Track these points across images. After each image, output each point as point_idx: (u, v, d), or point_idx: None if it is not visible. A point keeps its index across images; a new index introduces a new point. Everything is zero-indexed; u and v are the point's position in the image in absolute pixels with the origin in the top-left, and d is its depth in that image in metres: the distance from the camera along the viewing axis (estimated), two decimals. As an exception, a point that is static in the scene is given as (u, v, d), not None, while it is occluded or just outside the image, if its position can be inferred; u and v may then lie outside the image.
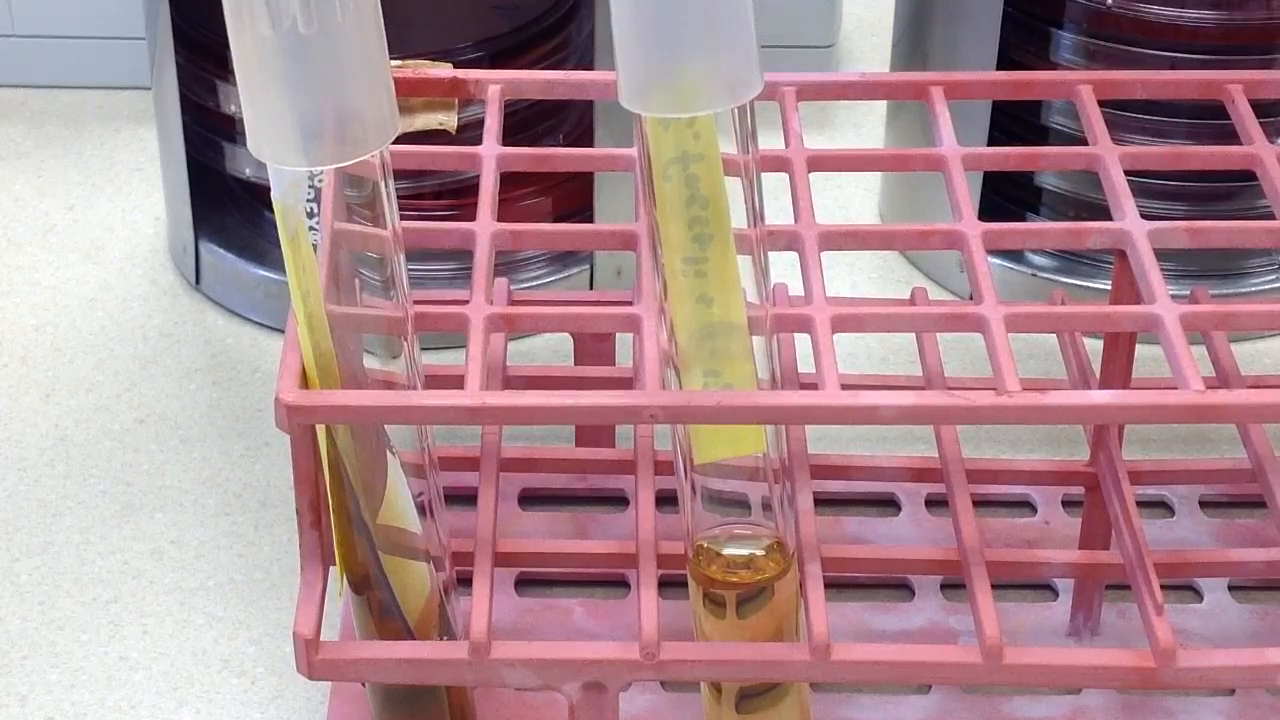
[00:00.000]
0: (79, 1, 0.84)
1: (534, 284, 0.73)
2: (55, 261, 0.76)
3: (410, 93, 0.54)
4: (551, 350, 0.72)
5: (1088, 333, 0.61)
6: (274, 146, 0.43)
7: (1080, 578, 0.58)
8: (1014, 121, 0.72)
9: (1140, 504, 0.55)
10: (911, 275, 0.76)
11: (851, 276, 0.76)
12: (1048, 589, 0.61)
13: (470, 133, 0.56)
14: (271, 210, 0.45)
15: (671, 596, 0.53)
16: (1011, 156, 0.58)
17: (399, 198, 0.46)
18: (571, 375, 0.64)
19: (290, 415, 0.46)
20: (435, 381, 0.51)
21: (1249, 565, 0.56)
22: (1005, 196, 0.75)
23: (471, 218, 0.52)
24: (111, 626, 0.60)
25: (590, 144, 0.72)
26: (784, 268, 0.57)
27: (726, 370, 0.46)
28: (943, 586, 0.61)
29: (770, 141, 0.51)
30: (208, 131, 0.73)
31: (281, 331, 0.64)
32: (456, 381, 0.48)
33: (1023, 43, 0.72)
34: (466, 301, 0.50)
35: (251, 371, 0.71)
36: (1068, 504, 0.64)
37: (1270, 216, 0.53)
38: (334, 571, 0.49)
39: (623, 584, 0.61)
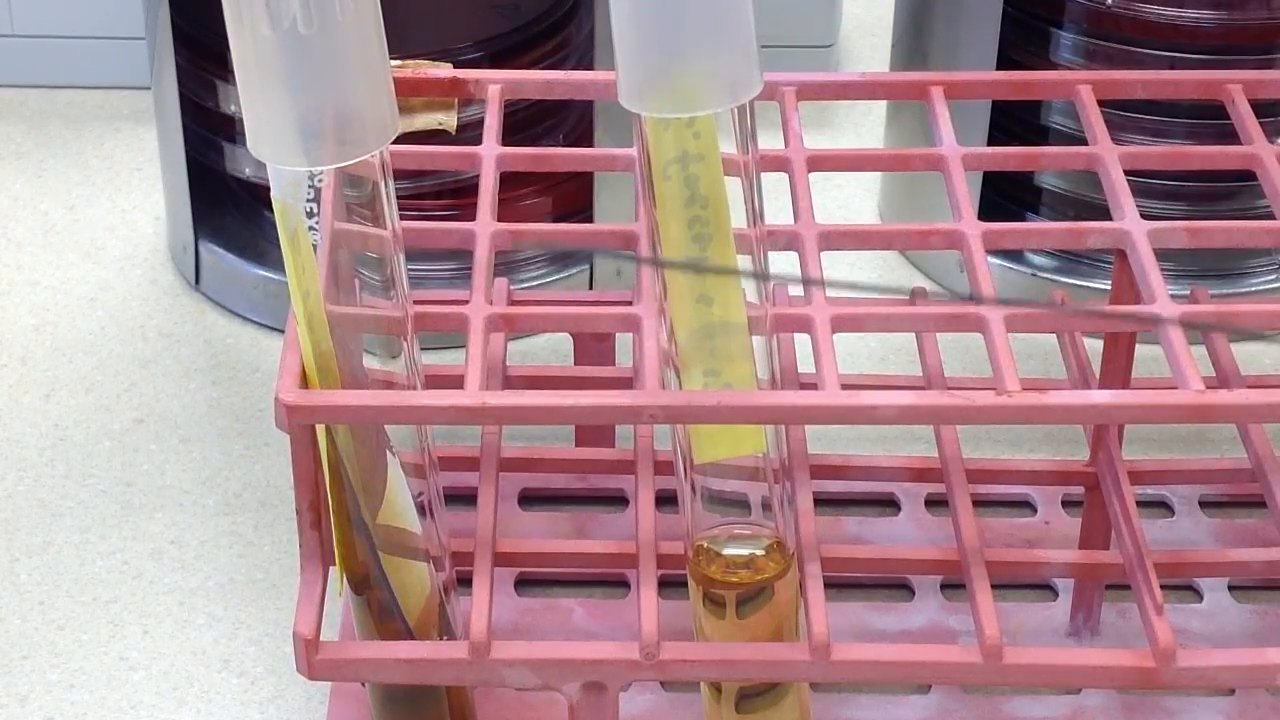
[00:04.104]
0: (79, 1, 0.84)
1: (534, 284, 0.73)
2: (55, 261, 0.76)
3: (410, 93, 0.54)
4: (551, 350, 0.72)
5: (1088, 333, 0.61)
6: (274, 146, 0.43)
7: (1080, 578, 0.58)
8: (1014, 121, 0.72)
9: (1140, 504, 0.55)
10: (911, 275, 0.76)
11: (851, 276, 0.76)
12: (1048, 589, 0.61)
13: (470, 133, 0.56)
14: (271, 210, 0.45)
15: (671, 596, 0.53)
16: (1011, 156, 0.58)
17: (399, 198, 0.46)
18: (571, 375, 0.64)
19: (290, 415, 0.46)
20: (435, 381, 0.51)
21: (1249, 565, 0.56)
22: (1005, 196, 0.75)
23: (471, 218, 0.52)
24: (111, 626, 0.60)
25: (590, 144, 0.72)
26: (784, 268, 0.57)
27: (726, 370, 0.46)
28: (943, 586, 0.61)
29: (770, 141, 0.51)
30: (208, 131, 0.73)
31: (281, 331, 0.64)
32: (456, 381, 0.48)
33: (1023, 43, 0.72)
34: (466, 301, 0.50)
35: (251, 371, 0.71)
36: (1068, 504, 0.64)
37: (1270, 216, 0.53)
38: (334, 571, 0.49)
39: (623, 584, 0.61)
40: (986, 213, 0.71)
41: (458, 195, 0.71)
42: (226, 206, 0.76)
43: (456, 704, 0.53)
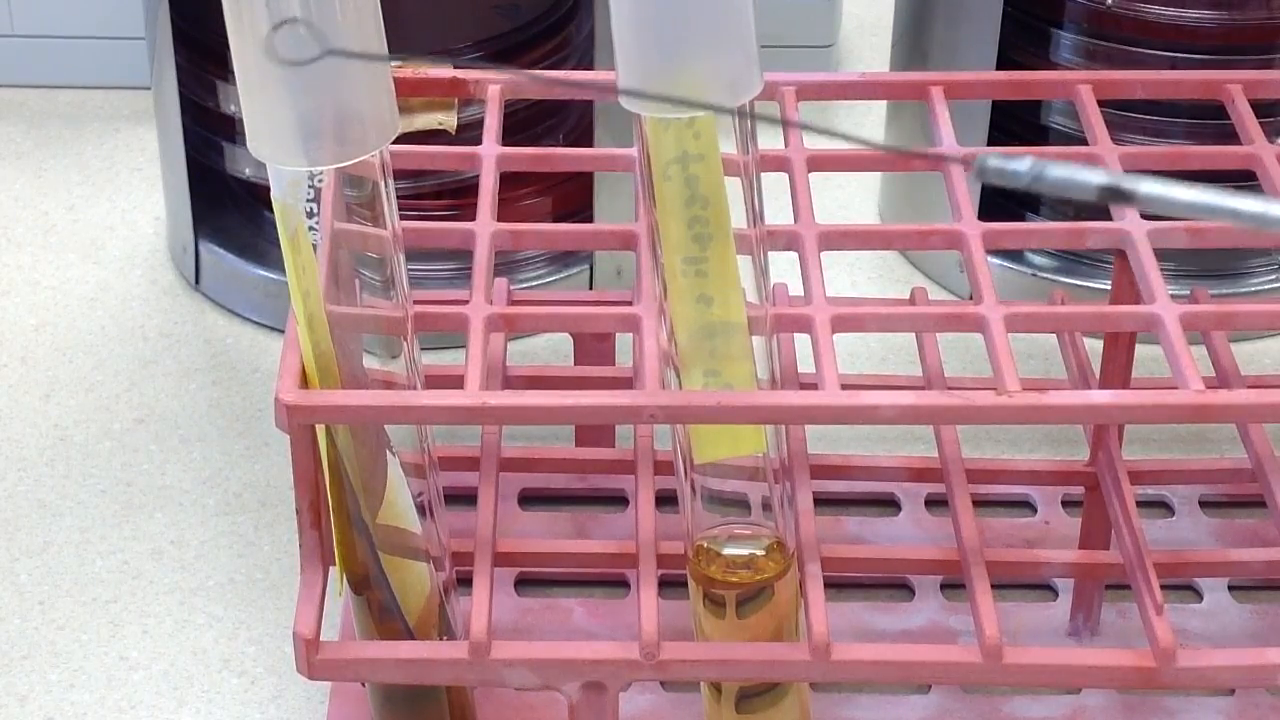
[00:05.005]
0: (79, 1, 0.84)
1: (534, 284, 0.73)
2: (55, 261, 0.76)
3: (410, 93, 0.54)
4: (551, 350, 0.72)
5: (1088, 333, 0.61)
6: (274, 146, 0.43)
7: (1080, 578, 0.58)
8: (1014, 121, 0.72)
9: (1140, 504, 0.55)
10: (911, 275, 0.76)
11: (851, 276, 0.76)
12: (1048, 589, 0.61)
13: (470, 133, 0.56)
14: (271, 210, 0.45)
15: (671, 596, 0.53)
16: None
17: (399, 198, 0.46)
18: (571, 375, 0.64)
19: (290, 415, 0.46)
20: (435, 381, 0.51)
21: (1249, 565, 0.56)
22: (1005, 196, 0.75)
23: (471, 218, 0.52)
24: (111, 626, 0.60)
25: (590, 144, 0.72)
26: (784, 268, 0.57)
27: (726, 370, 0.46)
28: (943, 586, 0.61)
29: (770, 141, 0.51)
30: (208, 131, 0.73)
31: (281, 331, 0.64)
32: (456, 381, 0.48)
33: (1023, 43, 0.72)
34: (466, 301, 0.50)
35: (251, 371, 0.71)
36: (1068, 504, 0.64)
37: (1270, 216, 0.53)
38: (334, 571, 0.49)
39: (623, 584, 0.61)
40: (986, 213, 0.70)
41: (458, 195, 0.71)
42: (226, 206, 0.76)
43: (456, 704, 0.53)
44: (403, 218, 0.47)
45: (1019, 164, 0.36)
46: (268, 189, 0.44)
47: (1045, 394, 0.47)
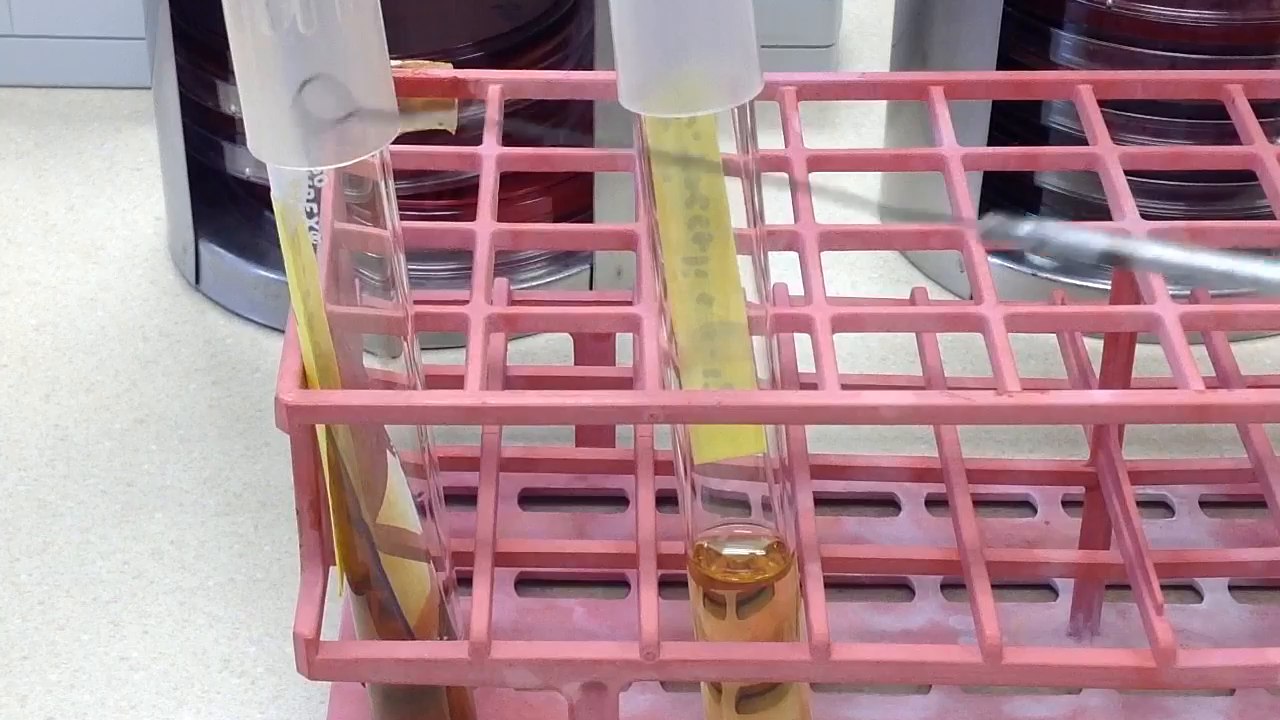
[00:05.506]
0: (79, 1, 0.84)
1: (534, 284, 0.73)
2: (55, 261, 0.76)
3: (410, 93, 0.54)
4: (551, 350, 0.72)
5: (1088, 333, 0.61)
6: (274, 146, 0.43)
7: (1080, 578, 0.58)
8: (1014, 121, 0.72)
9: (1140, 504, 0.55)
10: (911, 275, 0.76)
11: (851, 276, 0.76)
12: (1048, 589, 0.61)
13: (470, 133, 0.56)
14: (271, 210, 0.45)
15: (671, 596, 0.53)
16: (1011, 156, 0.58)
17: (399, 198, 0.46)
18: (571, 375, 0.64)
19: (290, 415, 0.46)
20: (435, 381, 0.51)
21: (1249, 565, 0.56)
22: (1005, 196, 0.75)
23: (471, 218, 0.52)
24: (111, 626, 0.60)
25: (590, 144, 0.72)
26: (784, 268, 0.57)
27: (726, 370, 0.46)
28: (943, 586, 0.61)
29: (770, 141, 0.51)
30: (208, 131, 0.73)
31: (281, 331, 0.64)
32: (456, 381, 0.48)
33: (1023, 43, 0.72)
34: (466, 301, 0.50)
35: (251, 371, 0.71)
36: (1068, 504, 0.64)
37: (1270, 216, 0.53)
38: (334, 571, 0.49)
39: (623, 584, 0.61)
40: (986, 212, 0.70)
41: (458, 195, 0.71)
42: (226, 206, 0.76)
43: (456, 704, 0.53)
44: (403, 218, 0.47)
45: (1020, 228, 0.37)
46: (268, 189, 0.44)
47: (1045, 394, 0.47)
